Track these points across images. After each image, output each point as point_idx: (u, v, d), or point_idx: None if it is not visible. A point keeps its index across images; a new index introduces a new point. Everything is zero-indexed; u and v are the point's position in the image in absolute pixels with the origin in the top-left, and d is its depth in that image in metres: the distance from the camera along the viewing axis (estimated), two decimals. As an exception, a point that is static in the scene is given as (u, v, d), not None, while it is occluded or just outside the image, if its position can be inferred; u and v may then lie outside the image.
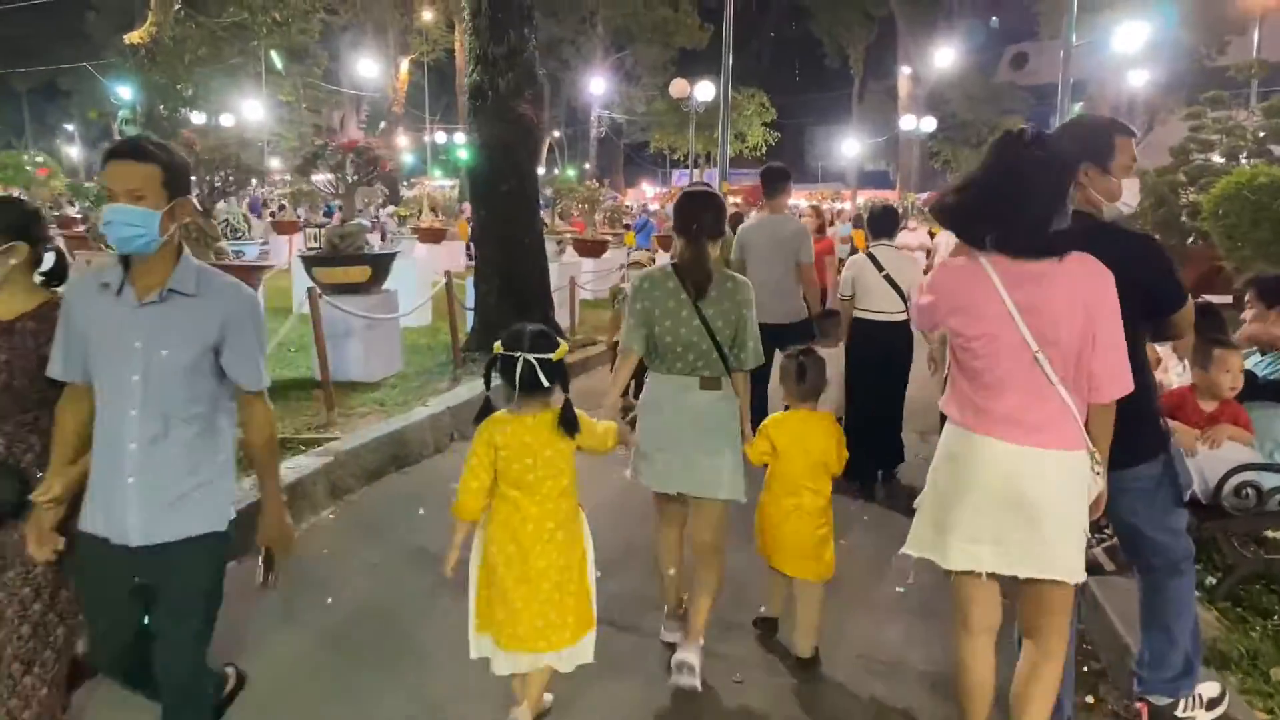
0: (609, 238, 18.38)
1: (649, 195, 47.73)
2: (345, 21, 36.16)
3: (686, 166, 39.47)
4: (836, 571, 3.74)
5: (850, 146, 48.43)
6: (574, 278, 11.23)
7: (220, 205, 12.90)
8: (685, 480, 3.46)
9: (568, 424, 2.91)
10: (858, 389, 6.01)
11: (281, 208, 25.75)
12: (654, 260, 6.99)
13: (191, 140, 6.36)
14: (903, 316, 5.80)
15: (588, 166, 47.20)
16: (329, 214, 24.15)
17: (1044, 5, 30.54)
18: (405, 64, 37.66)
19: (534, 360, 2.83)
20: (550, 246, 12.98)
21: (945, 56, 38.69)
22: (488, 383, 3.02)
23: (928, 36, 40.23)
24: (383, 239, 19.89)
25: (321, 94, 38.56)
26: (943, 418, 6.72)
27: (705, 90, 23.65)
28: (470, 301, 9.58)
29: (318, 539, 4.78)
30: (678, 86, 23.85)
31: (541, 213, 16.93)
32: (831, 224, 19.57)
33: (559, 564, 2.92)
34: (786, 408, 3.81)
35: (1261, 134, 13.97)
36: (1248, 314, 4.64)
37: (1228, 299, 13.32)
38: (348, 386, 7.75)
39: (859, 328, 5.92)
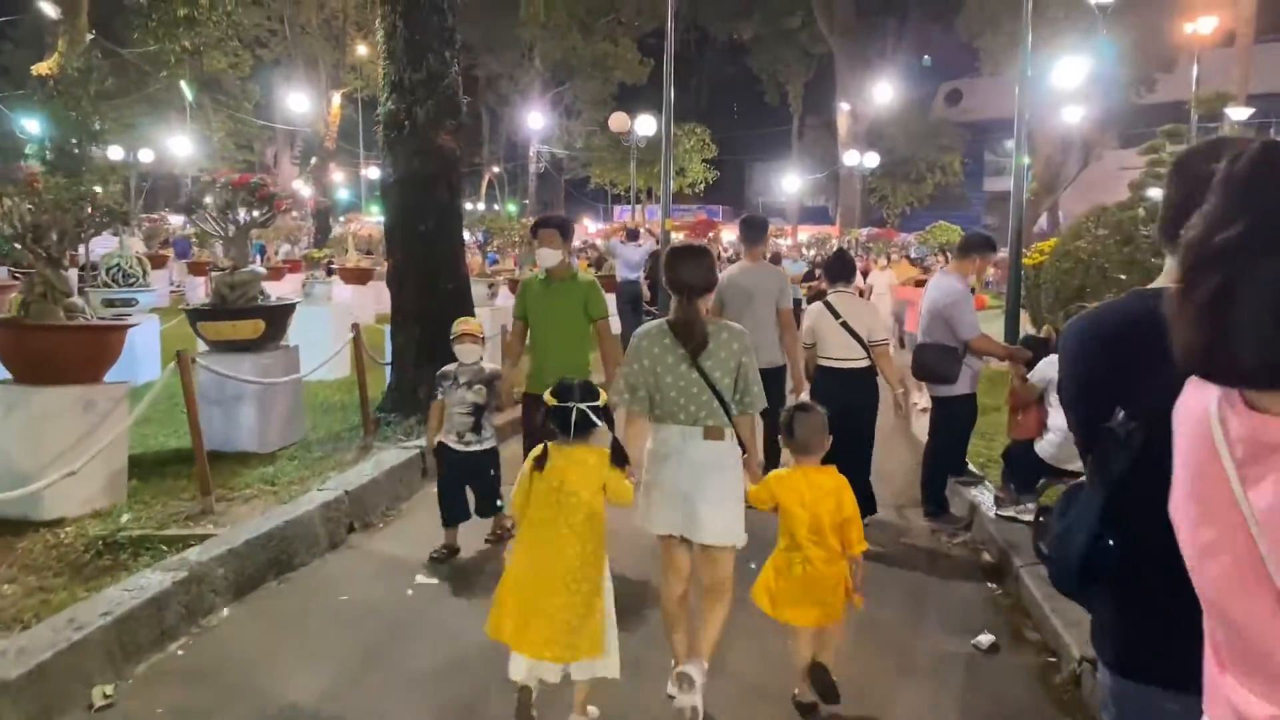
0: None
1: (591, 230, 47.14)
2: (276, 55, 35.10)
3: (628, 202, 38.86)
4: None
5: (790, 182, 48.32)
6: (507, 325, 10.20)
7: (114, 245, 11.74)
8: (690, 526, 3.55)
9: (618, 457, 3.37)
10: None
11: (197, 246, 24.37)
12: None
13: (33, 178, 5.28)
14: (864, 363, 5.76)
15: (527, 202, 46.43)
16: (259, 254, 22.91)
17: (984, 41, 30.52)
18: (337, 98, 36.52)
19: (586, 408, 3.32)
20: (480, 290, 12.01)
21: (884, 93, 38.76)
22: (543, 426, 3.43)
23: (865, 74, 40.32)
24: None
25: (253, 129, 37.32)
26: (924, 490, 5.89)
27: (646, 125, 22.96)
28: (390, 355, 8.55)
29: (152, 692, 3.66)
30: (617, 120, 23.14)
31: (476, 253, 15.99)
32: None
33: (581, 586, 3.23)
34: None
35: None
36: None
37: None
38: (237, 459, 6.70)
39: (820, 375, 5.88)
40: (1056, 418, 5.33)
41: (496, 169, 50.49)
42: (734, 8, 40.93)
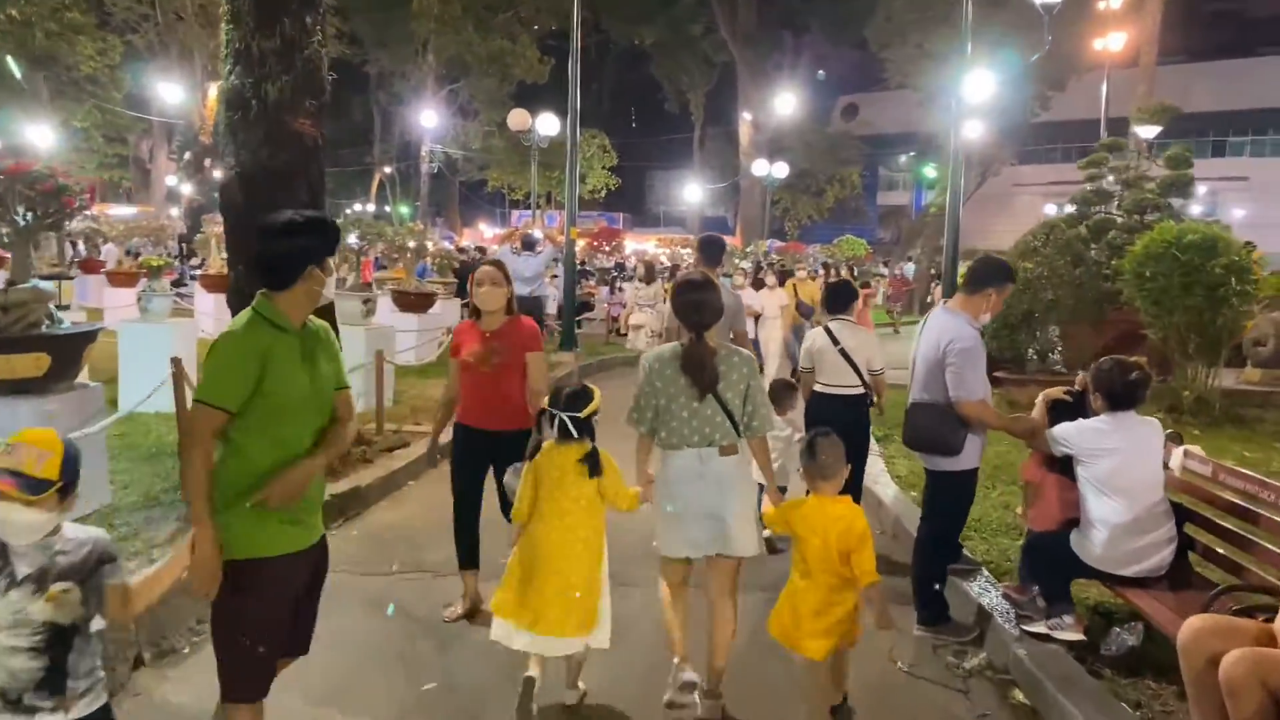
0: (438, 289, 15.87)
1: (487, 236, 45.45)
2: (149, 42, 32.45)
3: (527, 206, 37.28)
4: None
5: (692, 191, 47.58)
6: (382, 351, 8.61)
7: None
8: (722, 542, 3.71)
9: (591, 465, 3.67)
10: None
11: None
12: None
13: None
14: (859, 390, 5.92)
15: (419, 204, 44.41)
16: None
17: (891, 52, 30.06)
18: (214, 89, 33.92)
19: (565, 417, 3.67)
20: (352, 306, 10.34)
21: (786, 104, 38.26)
22: (539, 428, 3.90)
23: (766, 84, 39.92)
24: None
25: (125, 122, 34.48)
26: (917, 591, 4.61)
27: (547, 124, 21.48)
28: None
29: None
30: (517, 117, 21.56)
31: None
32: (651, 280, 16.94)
33: (582, 569, 3.62)
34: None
35: (1122, 178, 12.87)
36: None
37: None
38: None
39: (816, 400, 6.02)
40: (1099, 507, 4.01)
41: (388, 169, 48.21)
42: (636, 12, 39.91)
